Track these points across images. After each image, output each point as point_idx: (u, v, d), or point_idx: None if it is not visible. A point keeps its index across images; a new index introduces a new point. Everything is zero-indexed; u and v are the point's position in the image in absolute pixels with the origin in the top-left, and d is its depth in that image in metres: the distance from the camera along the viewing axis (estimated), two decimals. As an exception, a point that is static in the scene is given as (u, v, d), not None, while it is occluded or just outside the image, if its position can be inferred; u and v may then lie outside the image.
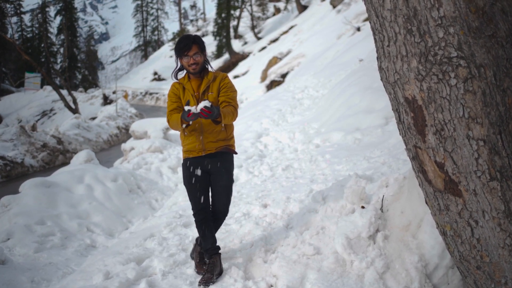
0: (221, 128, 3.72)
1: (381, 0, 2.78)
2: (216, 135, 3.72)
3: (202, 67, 3.76)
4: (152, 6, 78.58)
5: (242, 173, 8.13)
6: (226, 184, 3.83)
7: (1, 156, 20.13)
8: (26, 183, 9.32)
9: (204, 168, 3.77)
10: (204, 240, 3.82)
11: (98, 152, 23.64)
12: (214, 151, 3.74)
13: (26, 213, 8.18)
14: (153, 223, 5.97)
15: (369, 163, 6.22)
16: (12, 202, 8.73)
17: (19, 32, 60.95)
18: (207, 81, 3.75)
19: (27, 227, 7.69)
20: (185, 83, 3.79)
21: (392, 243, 3.50)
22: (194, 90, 3.76)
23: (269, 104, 15.74)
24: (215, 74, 3.81)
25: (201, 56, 3.71)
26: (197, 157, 3.76)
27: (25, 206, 8.50)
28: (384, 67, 2.91)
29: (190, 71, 3.73)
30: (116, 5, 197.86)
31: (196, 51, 3.67)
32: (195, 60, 3.67)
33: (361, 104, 9.36)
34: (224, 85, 3.76)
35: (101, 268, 4.17)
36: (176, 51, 3.74)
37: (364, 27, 22.30)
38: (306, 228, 4.03)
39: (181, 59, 3.73)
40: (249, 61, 41.22)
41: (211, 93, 3.73)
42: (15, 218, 8.04)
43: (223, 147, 3.77)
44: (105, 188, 9.61)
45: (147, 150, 13.30)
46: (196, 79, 3.79)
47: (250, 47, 45.89)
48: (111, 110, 32.71)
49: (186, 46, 3.66)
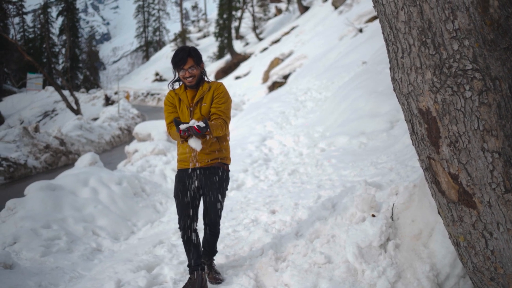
0: (213, 139, 3.71)
1: (395, 12, 2.79)
2: (208, 146, 3.70)
3: (199, 79, 3.77)
4: (154, 6, 78.68)
5: (248, 178, 8.12)
6: (216, 198, 3.77)
7: (4, 158, 20.14)
8: (31, 186, 9.33)
9: (194, 182, 3.75)
10: (188, 255, 3.81)
11: (101, 153, 23.66)
12: (206, 164, 3.73)
13: (32, 217, 8.18)
14: (161, 229, 5.97)
15: (376, 169, 6.21)
16: (18, 205, 8.73)
17: (21, 32, 61.02)
18: (202, 92, 3.75)
19: (33, 231, 7.69)
20: (181, 94, 3.81)
21: (403, 252, 3.50)
22: (189, 102, 3.76)
23: (272, 106, 15.73)
24: (210, 85, 3.81)
25: (197, 69, 3.71)
26: (189, 169, 3.75)
27: (30, 210, 8.50)
28: (397, 78, 2.92)
29: (186, 84, 3.76)
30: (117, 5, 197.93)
31: (192, 64, 3.68)
32: (190, 73, 3.68)
33: (366, 108, 9.35)
34: (217, 94, 3.74)
35: (112, 275, 4.18)
36: (172, 63, 3.74)
37: (366, 29, 22.29)
38: (316, 236, 4.03)
39: (177, 71, 3.76)
40: (251, 62, 41.20)
41: (204, 104, 3.73)
42: (21, 222, 8.04)
43: (217, 162, 3.75)
44: (110, 191, 9.61)
45: (150, 152, 13.30)
46: (191, 90, 3.80)
47: (252, 48, 45.89)
48: (113, 111, 32.72)
49: (181, 60, 3.67)
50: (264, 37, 46.31)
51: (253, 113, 15.54)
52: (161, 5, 79.13)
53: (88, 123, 28.23)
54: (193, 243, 3.78)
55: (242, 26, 52.29)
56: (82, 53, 69.64)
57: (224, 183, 3.81)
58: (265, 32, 48.30)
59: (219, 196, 3.77)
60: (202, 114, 3.73)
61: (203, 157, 3.70)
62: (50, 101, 45.32)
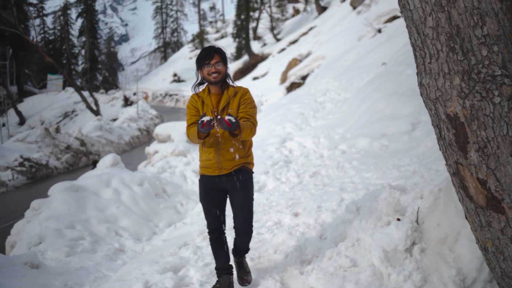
0: (239, 146, 3.63)
1: (423, 18, 2.79)
2: (233, 152, 3.63)
3: (223, 78, 3.64)
4: (172, 8, 79.20)
5: (270, 180, 8.16)
6: (243, 204, 3.71)
7: (26, 158, 20.49)
8: (55, 187, 9.50)
9: (220, 187, 3.70)
10: (216, 258, 3.81)
11: (120, 154, 23.91)
12: (231, 170, 3.65)
13: (56, 217, 8.35)
14: (184, 231, 6.03)
15: (399, 172, 6.20)
16: (42, 206, 8.92)
17: (42, 34, 61.90)
18: (227, 97, 3.63)
19: (57, 231, 7.84)
20: (205, 97, 3.68)
21: (429, 256, 3.50)
22: (214, 106, 3.64)
23: (291, 107, 15.74)
24: (236, 90, 3.69)
25: (222, 66, 3.61)
26: (213, 176, 3.68)
27: (55, 210, 8.67)
28: (425, 83, 2.93)
29: (211, 81, 3.60)
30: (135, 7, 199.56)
31: (218, 60, 3.58)
32: (216, 68, 3.56)
33: (387, 110, 9.32)
34: (244, 100, 3.64)
35: (139, 277, 4.24)
36: (197, 61, 3.64)
37: (385, 29, 22.15)
38: (341, 239, 4.05)
39: (202, 69, 3.62)
40: (269, 62, 41.24)
41: (231, 109, 3.61)
42: (46, 222, 8.20)
43: (241, 165, 3.67)
44: (131, 192, 9.75)
45: (171, 153, 13.43)
46: (216, 94, 3.67)
47: (269, 48, 45.92)
48: (132, 111, 33.04)
49: (208, 55, 3.57)
50: (282, 37, 46.30)
51: (272, 114, 15.57)
52: (179, 6, 79.64)
53: (107, 124, 28.56)
54: (222, 247, 3.79)
55: (260, 27, 52.34)
56: (101, 54, 70.39)
57: (250, 188, 3.74)
58: (283, 33, 48.30)
59: (247, 199, 3.72)
60: None
61: (227, 164, 3.63)
62: (70, 102, 45.92)
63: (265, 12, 49.96)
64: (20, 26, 33.29)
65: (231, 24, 56.41)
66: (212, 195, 3.72)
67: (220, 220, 3.76)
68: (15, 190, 18.67)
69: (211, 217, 3.75)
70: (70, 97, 46.68)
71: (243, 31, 46.89)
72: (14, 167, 19.78)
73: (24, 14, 49.71)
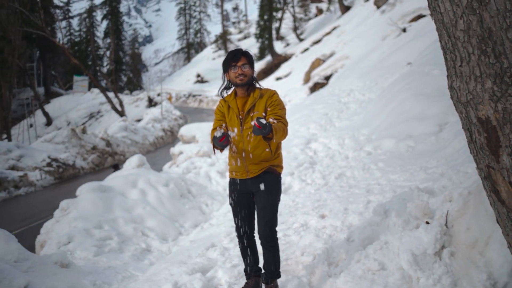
0: (265, 149, 3.57)
1: (454, 21, 2.78)
2: (260, 156, 3.58)
3: (250, 80, 3.60)
4: (195, 9, 79.76)
5: (295, 181, 8.17)
6: (266, 205, 3.59)
7: (54, 158, 20.88)
8: (83, 187, 9.66)
9: (247, 190, 3.67)
10: (244, 261, 3.81)
11: (145, 154, 24.14)
12: (258, 173, 3.60)
13: (84, 217, 8.49)
14: (211, 232, 6.08)
15: (426, 174, 6.13)
16: (71, 206, 9.08)
17: (68, 36, 63.02)
18: (253, 100, 3.58)
19: (86, 231, 7.97)
20: (231, 101, 3.64)
21: (458, 260, 3.47)
22: (239, 109, 3.60)
23: (315, 108, 15.70)
24: (262, 92, 3.63)
25: (249, 68, 3.58)
26: (241, 179, 3.66)
27: (83, 210, 8.82)
28: (455, 86, 2.91)
29: (237, 83, 3.56)
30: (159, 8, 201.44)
31: (245, 62, 3.56)
32: (243, 70, 3.53)
33: (413, 111, 9.22)
34: (271, 102, 3.56)
35: (168, 277, 4.30)
36: (223, 63, 3.61)
37: (410, 28, 21.92)
38: (369, 242, 4.03)
39: (228, 71, 3.59)
40: (292, 62, 41.21)
41: (256, 112, 3.55)
42: (75, 222, 8.35)
43: (267, 167, 3.62)
44: (157, 193, 9.85)
45: (195, 154, 13.52)
46: (242, 97, 3.63)
47: (293, 48, 45.86)
48: (156, 112, 33.35)
49: (235, 57, 3.56)
50: (305, 37, 46.20)
51: (296, 115, 15.55)
52: (202, 7, 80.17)
53: (132, 124, 28.90)
54: (250, 250, 3.79)
55: (283, 27, 52.31)
56: (126, 55, 71.24)
57: (274, 190, 3.63)
58: (306, 33, 48.19)
59: (271, 200, 3.60)
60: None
61: (254, 168, 3.59)
62: (95, 103, 46.61)
63: (288, 12, 49.92)
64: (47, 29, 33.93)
65: (254, 24, 56.56)
66: (241, 199, 3.70)
67: (248, 223, 3.74)
68: (43, 190, 19.03)
69: (239, 221, 3.73)
70: (96, 98, 47.40)
71: (266, 32, 46.93)
72: (42, 167, 20.16)
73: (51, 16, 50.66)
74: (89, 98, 48.59)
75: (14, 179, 18.16)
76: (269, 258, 3.66)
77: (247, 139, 3.57)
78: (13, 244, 5.83)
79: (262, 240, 3.62)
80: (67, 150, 22.31)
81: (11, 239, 5.87)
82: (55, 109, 47.59)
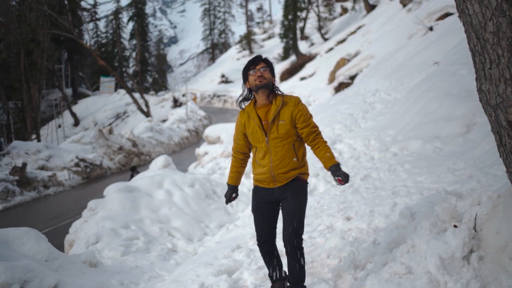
0: (293, 158, 3.52)
1: (483, 23, 2.74)
2: (288, 166, 3.51)
3: (270, 84, 3.51)
4: (219, 9, 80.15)
5: (320, 183, 8.14)
6: (292, 211, 3.48)
7: (81, 159, 21.26)
8: (110, 188, 9.83)
9: (272, 199, 3.60)
10: (268, 267, 3.78)
11: (170, 154, 24.38)
12: (285, 182, 3.53)
13: (112, 217, 8.63)
14: (237, 233, 6.11)
15: (454, 176, 6.04)
16: (99, 206, 9.24)
17: (95, 38, 64.04)
18: (276, 108, 3.48)
19: (113, 231, 8.11)
20: (250, 111, 3.55)
21: (487, 265, 3.42)
22: (261, 119, 3.51)
23: (340, 108, 15.61)
24: (285, 99, 3.53)
25: (269, 72, 3.50)
26: (267, 188, 3.59)
27: (110, 210, 8.97)
28: (484, 89, 2.87)
29: (256, 85, 3.46)
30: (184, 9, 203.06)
31: (264, 66, 3.50)
32: (261, 73, 3.46)
33: (440, 111, 9.07)
34: (299, 112, 3.49)
35: (194, 278, 4.35)
36: (243, 72, 3.58)
37: (437, 27, 21.59)
38: (395, 245, 4.00)
39: (247, 78, 3.54)
40: (316, 62, 41.05)
41: (282, 121, 3.47)
42: (102, 222, 8.50)
43: (295, 176, 3.54)
44: (183, 193, 9.95)
45: (220, 155, 13.62)
46: (263, 106, 3.54)
47: (317, 48, 45.70)
48: (181, 113, 33.64)
49: (254, 61, 3.53)
50: (330, 37, 45.98)
51: (320, 115, 15.48)
52: (226, 7, 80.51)
53: (158, 125, 29.22)
54: (273, 257, 3.74)
55: (307, 27, 52.19)
56: (151, 56, 72.01)
57: (301, 196, 3.54)
58: (331, 32, 47.95)
59: (298, 206, 3.50)
60: (279, 133, 3.47)
61: (281, 177, 3.52)
62: (121, 104, 47.27)
63: (313, 11, 49.75)
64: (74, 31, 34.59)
65: (279, 24, 56.54)
66: (264, 208, 3.63)
67: (270, 233, 3.67)
68: (71, 190, 19.40)
69: (261, 230, 3.66)
70: (122, 99, 48.07)
71: (291, 31, 46.85)
72: (70, 167, 20.55)
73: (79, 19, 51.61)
74: (115, 99, 49.31)
75: (43, 179, 18.57)
76: (294, 269, 3.53)
77: (274, 149, 3.50)
78: (44, 244, 5.96)
79: (287, 247, 3.50)
80: (94, 151, 22.70)
81: (42, 238, 6.00)
82: (82, 109, 48.42)
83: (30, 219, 14.30)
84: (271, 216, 3.65)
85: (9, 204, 16.27)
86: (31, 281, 4.92)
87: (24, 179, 17.65)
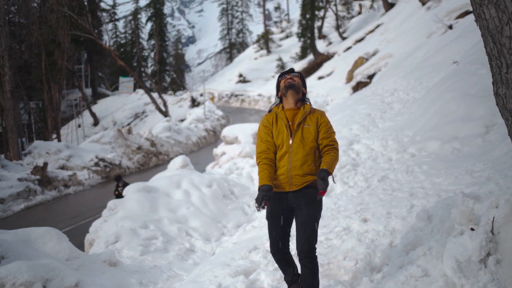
0: (311, 164, 3.57)
1: (500, 27, 2.75)
2: (304, 170, 3.56)
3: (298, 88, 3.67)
4: (237, 9, 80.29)
5: (337, 184, 8.12)
6: (305, 220, 3.51)
7: (101, 158, 21.53)
8: (130, 188, 9.96)
9: (286, 205, 3.61)
10: (284, 273, 3.79)
11: (188, 154, 24.55)
12: (301, 186, 3.56)
13: (131, 217, 8.75)
14: (254, 234, 6.15)
15: (472, 178, 5.99)
16: (118, 205, 9.37)
17: (114, 38, 64.65)
18: (304, 112, 3.63)
19: (132, 231, 8.21)
20: (279, 112, 3.68)
21: (505, 268, 3.40)
22: (288, 120, 3.64)
23: (357, 108, 15.54)
24: (312, 109, 3.71)
25: (299, 80, 3.69)
26: (282, 192, 3.61)
27: (129, 210, 9.09)
28: (501, 93, 2.87)
29: (285, 86, 3.64)
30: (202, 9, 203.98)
31: (296, 75, 3.71)
32: (292, 78, 3.66)
33: (459, 112, 8.99)
34: (323, 123, 3.64)
35: (212, 279, 4.40)
36: (277, 86, 3.78)
37: (456, 25, 21.36)
38: (411, 247, 4.00)
39: (280, 86, 3.72)
40: (334, 61, 40.89)
41: (308, 125, 3.61)
42: (122, 222, 8.62)
43: (311, 181, 3.58)
44: (201, 193, 10.03)
45: (238, 155, 13.67)
46: (291, 109, 3.67)
47: (335, 47, 45.49)
48: (199, 112, 33.81)
49: (287, 71, 3.76)
50: (348, 36, 45.74)
51: (338, 115, 15.44)
52: (244, 7, 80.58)
53: (176, 124, 29.42)
54: (286, 263, 3.74)
55: (325, 26, 51.98)
56: (169, 56, 72.43)
57: (315, 205, 3.57)
58: (349, 31, 47.72)
59: (311, 215, 3.52)
60: (303, 136, 3.58)
61: (297, 180, 3.56)
62: (140, 104, 47.70)
63: (331, 10, 49.56)
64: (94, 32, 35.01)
65: (296, 23, 56.39)
66: (278, 215, 3.63)
67: (282, 242, 3.67)
68: (90, 189, 19.66)
69: (273, 239, 3.67)
70: (140, 99, 48.51)
71: (308, 30, 46.74)
72: (90, 167, 20.83)
73: (98, 20, 52.18)
74: (134, 98, 49.77)
75: (63, 178, 18.85)
76: (307, 277, 3.54)
77: (295, 150, 3.58)
78: (65, 243, 6.08)
79: (300, 256, 3.53)
80: (113, 150, 22.96)
81: (63, 238, 6.12)
82: (102, 109, 48.97)
83: (51, 218, 14.53)
84: (284, 225, 3.65)
85: (31, 203, 16.56)
86: (53, 279, 5.03)
87: (45, 178, 17.93)
